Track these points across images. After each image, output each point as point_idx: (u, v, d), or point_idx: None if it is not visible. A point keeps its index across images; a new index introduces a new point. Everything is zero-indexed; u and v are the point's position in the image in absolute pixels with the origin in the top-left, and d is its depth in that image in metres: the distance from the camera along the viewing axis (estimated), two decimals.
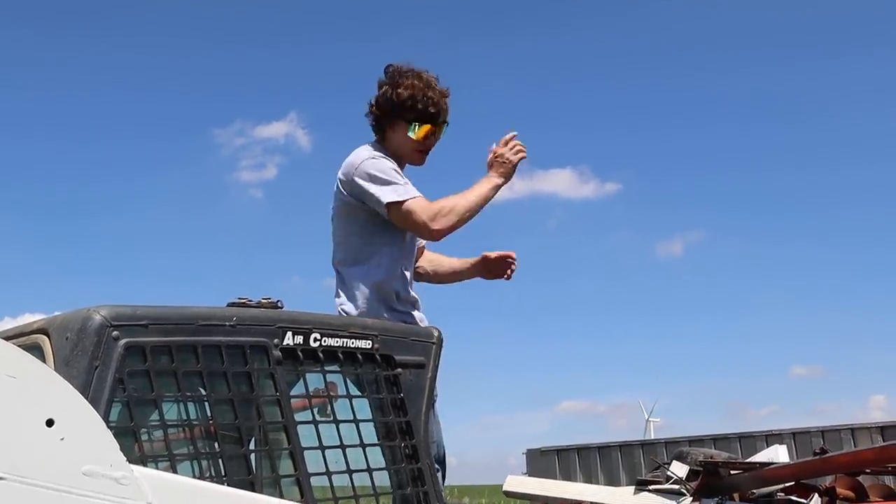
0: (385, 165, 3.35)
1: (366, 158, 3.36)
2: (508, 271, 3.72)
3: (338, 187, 3.41)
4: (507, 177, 3.40)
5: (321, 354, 2.46)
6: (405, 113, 3.44)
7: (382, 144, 3.51)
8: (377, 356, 2.58)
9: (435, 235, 3.31)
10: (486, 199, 3.35)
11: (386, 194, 3.26)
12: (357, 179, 3.30)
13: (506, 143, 3.40)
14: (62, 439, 1.79)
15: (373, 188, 3.28)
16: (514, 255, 3.73)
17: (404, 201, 3.25)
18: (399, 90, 3.45)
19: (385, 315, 3.24)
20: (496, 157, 3.39)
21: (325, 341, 2.46)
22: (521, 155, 3.40)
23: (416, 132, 3.45)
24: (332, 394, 2.51)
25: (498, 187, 3.37)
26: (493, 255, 3.72)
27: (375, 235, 3.36)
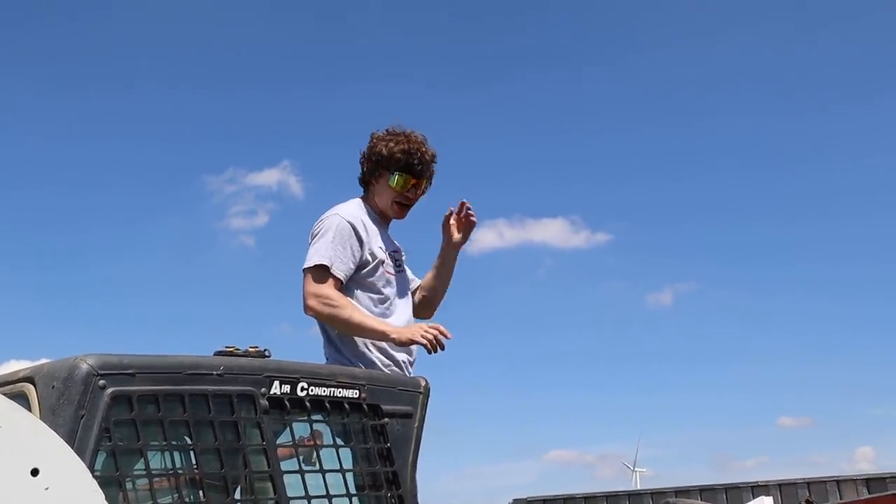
0: (339, 228, 3.36)
1: (331, 214, 3.42)
2: (471, 218, 3.69)
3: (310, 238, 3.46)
4: (402, 342, 3.28)
5: (308, 403, 2.45)
6: (389, 164, 3.50)
7: (367, 199, 3.57)
8: (364, 405, 2.58)
9: (305, 310, 3.30)
10: (369, 333, 3.29)
11: (309, 257, 3.32)
12: (316, 233, 3.39)
13: (434, 329, 3.28)
14: (47, 489, 1.78)
15: (313, 245, 3.35)
16: (463, 204, 3.69)
17: (310, 267, 3.29)
18: (388, 143, 3.51)
19: (358, 356, 3.26)
20: (416, 327, 3.30)
21: (312, 390, 2.46)
22: (426, 339, 3.25)
23: (396, 181, 3.49)
24: (318, 443, 2.50)
25: (387, 337, 3.27)
26: (446, 217, 3.69)
27: (349, 281, 3.37)
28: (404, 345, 3.28)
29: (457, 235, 3.73)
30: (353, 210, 3.49)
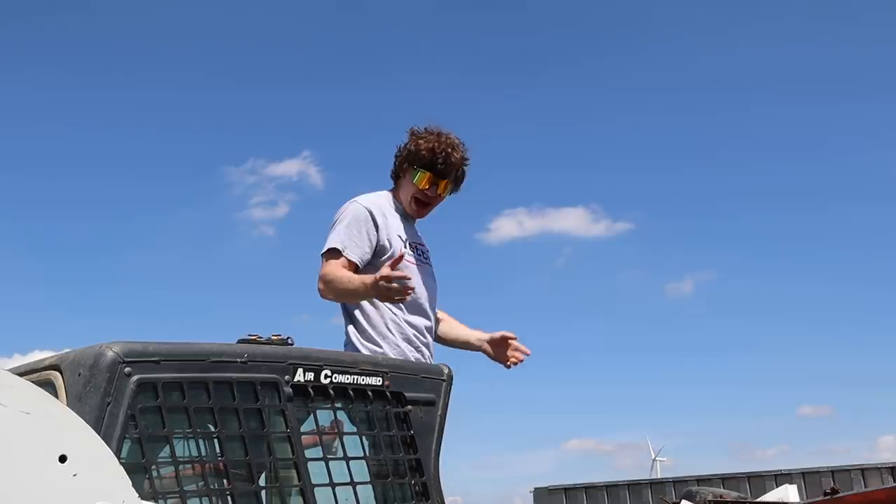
0: (355, 213, 3.41)
1: (350, 202, 3.47)
2: (511, 361, 3.57)
3: None
4: (381, 295, 3.28)
5: (332, 391, 2.46)
6: (415, 160, 3.52)
7: (395, 192, 3.61)
8: (388, 393, 2.58)
9: (320, 293, 3.38)
10: (354, 297, 3.34)
11: (327, 241, 3.40)
12: (335, 219, 3.46)
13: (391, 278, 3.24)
14: (75, 475, 1.79)
15: (330, 232, 3.43)
16: (522, 350, 3.59)
17: (324, 252, 3.38)
18: (419, 140, 3.54)
19: (377, 340, 3.29)
20: (382, 283, 3.23)
21: (335, 378, 2.47)
22: (389, 290, 3.23)
23: (417, 178, 3.51)
24: (342, 431, 2.51)
25: (368, 294, 3.29)
26: (498, 336, 3.60)
27: (368, 267, 3.40)
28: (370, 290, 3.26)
29: (490, 354, 3.63)
30: (374, 198, 3.53)
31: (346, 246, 3.35)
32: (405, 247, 3.50)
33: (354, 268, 3.34)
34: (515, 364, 3.56)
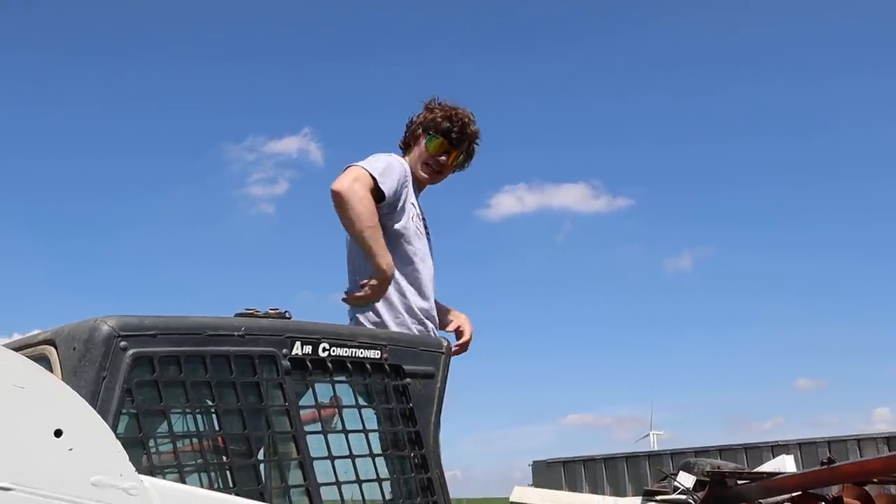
0: (396, 160, 3.45)
1: (390, 154, 3.47)
2: (456, 348, 3.64)
3: None
4: (378, 283, 3.32)
5: (330, 364, 2.45)
6: (431, 126, 3.54)
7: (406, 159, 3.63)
8: (386, 366, 2.57)
9: (334, 186, 3.25)
10: (364, 246, 3.30)
11: (363, 161, 3.33)
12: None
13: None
14: (71, 449, 1.78)
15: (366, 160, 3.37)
16: (465, 332, 3.68)
17: (358, 165, 3.30)
18: (436, 110, 3.57)
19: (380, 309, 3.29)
20: (381, 275, 3.31)
21: (333, 351, 2.45)
22: (369, 289, 3.32)
23: (430, 142, 3.54)
24: (341, 404, 2.50)
25: (378, 261, 3.29)
26: (456, 324, 3.70)
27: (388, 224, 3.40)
28: (381, 279, 3.29)
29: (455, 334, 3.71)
30: (402, 158, 3.55)
31: (384, 178, 3.31)
32: (418, 215, 3.54)
33: (380, 197, 3.30)
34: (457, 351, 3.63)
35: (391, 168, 3.36)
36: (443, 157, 3.56)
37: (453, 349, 3.54)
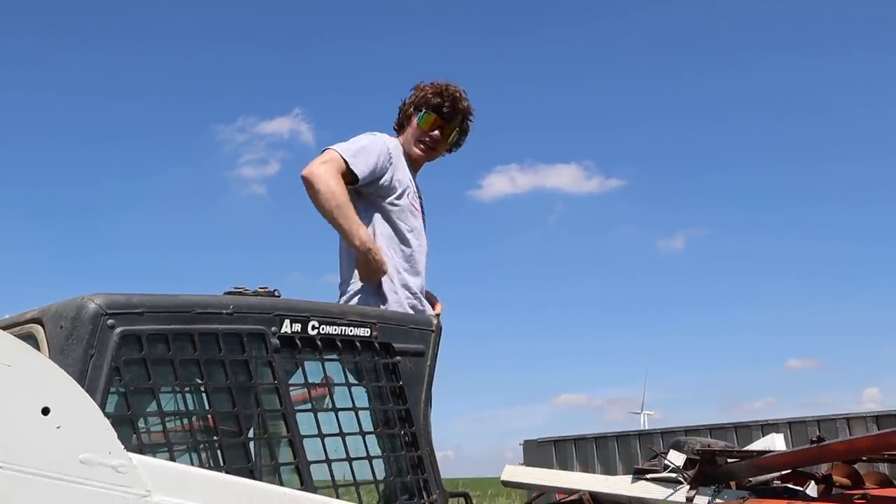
0: (373, 141, 3.42)
1: (373, 133, 3.45)
2: None
3: None
4: (365, 263, 3.33)
5: (319, 342, 2.44)
6: (422, 103, 3.54)
7: (400, 139, 3.62)
8: (376, 344, 2.56)
9: (303, 171, 3.26)
10: (335, 226, 3.30)
11: (336, 145, 3.34)
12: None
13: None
14: (58, 427, 1.77)
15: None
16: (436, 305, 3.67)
17: (336, 150, 3.31)
18: (427, 87, 3.58)
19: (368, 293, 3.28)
20: (372, 253, 3.31)
21: (323, 329, 2.44)
22: (375, 261, 3.32)
23: (423, 119, 3.54)
24: (330, 382, 2.50)
25: (350, 238, 3.30)
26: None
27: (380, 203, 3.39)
28: (362, 255, 3.29)
29: None
30: (388, 137, 3.53)
31: (356, 160, 3.30)
32: (414, 192, 3.53)
33: (352, 179, 3.30)
34: None
35: (366, 149, 3.35)
36: (436, 133, 3.56)
37: None
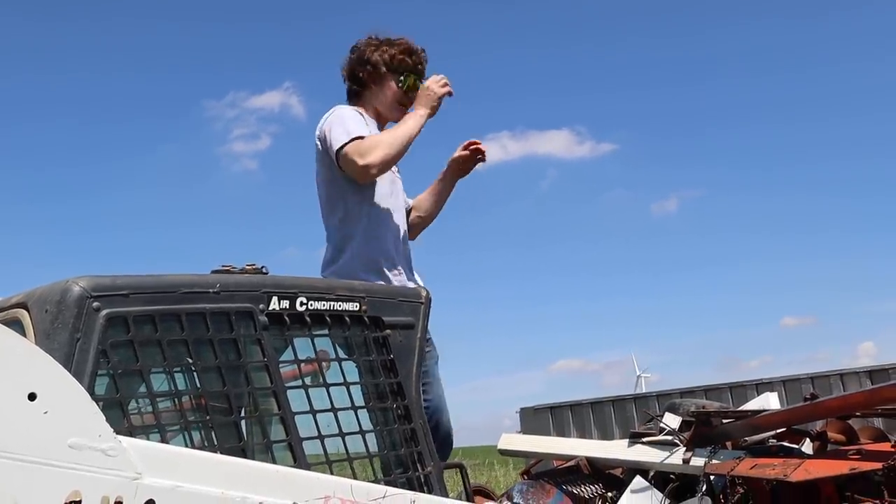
0: (350, 113, 3.38)
1: (335, 109, 3.40)
2: (479, 157, 3.71)
3: (316, 147, 3.41)
4: (433, 109, 3.42)
5: (308, 318, 2.42)
6: (393, 67, 3.49)
7: (361, 105, 3.54)
8: (365, 318, 2.55)
9: (368, 171, 3.29)
10: (413, 132, 3.36)
11: (337, 140, 3.30)
12: (326, 130, 3.35)
13: (434, 82, 3.44)
14: (46, 412, 1.76)
15: (332, 135, 3.33)
16: (476, 142, 3.72)
17: (344, 145, 3.27)
18: (385, 49, 3.52)
19: (373, 279, 3.24)
20: (425, 91, 3.42)
21: (311, 305, 2.43)
22: (446, 89, 3.43)
23: (408, 82, 3.51)
24: (321, 357, 2.48)
25: (424, 119, 3.39)
26: (456, 154, 3.71)
27: (353, 200, 3.35)
28: (435, 110, 3.43)
29: (463, 174, 3.75)
30: (351, 108, 3.49)
31: (362, 133, 3.32)
32: None
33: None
34: (482, 160, 3.71)
35: (353, 120, 3.34)
36: (412, 94, 3.53)
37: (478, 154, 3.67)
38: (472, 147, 3.69)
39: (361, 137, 3.26)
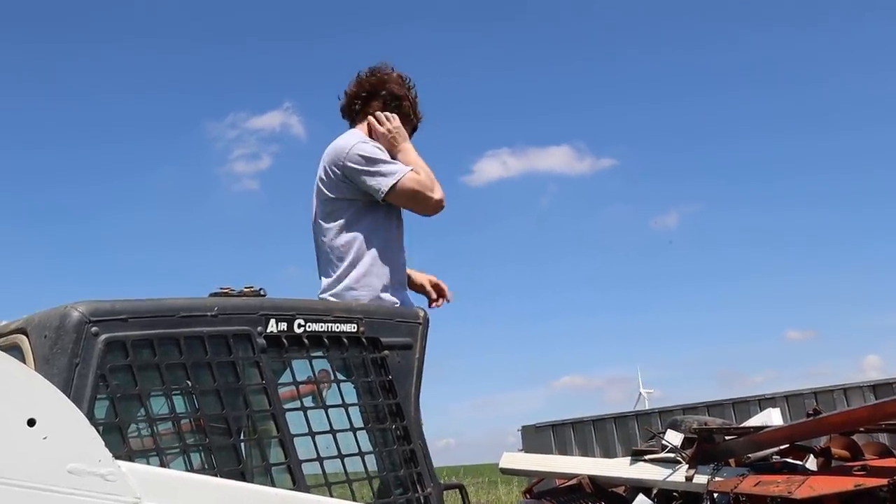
0: (375, 148, 3.38)
1: (357, 142, 3.37)
2: (440, 299, 3.65)
3: (325, 175, 3.38)
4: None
5: (306, 340, 2.43)
6: (402, 96, 3.54)
7: (359, 122, 3.57)
8: (363, 339, 2.55)
9: (441, 204, 3.36)
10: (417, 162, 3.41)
11: (385, 177, 3.28)
12: (350, 164, 3.29)
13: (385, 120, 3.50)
14: (45, 438, 1.76)
15: (369, 171, 3.29)
16: (444, 289, 3.67)
17: (399, 180, 3.26)
18: (392, 80, 3.58)
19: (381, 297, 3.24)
20: (391, 131, 3.47)
21: (309, 327, 2.43)
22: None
23: (410, 111, 3.58)
24: (320, 379, 2.48)
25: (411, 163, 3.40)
26: (426, 284, 3.66)
27: (364, 225, 3.35)
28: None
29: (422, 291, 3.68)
30: (372, 144, 3.49)
31: (404, 166, 3.36)
32: None
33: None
34: (439, 306, 3.64)
35: (386, 155, 3.39)
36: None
37: (437, 303, 3.60)
38: (438, 290, 3.66)
39: (417, 172, 3.32)
